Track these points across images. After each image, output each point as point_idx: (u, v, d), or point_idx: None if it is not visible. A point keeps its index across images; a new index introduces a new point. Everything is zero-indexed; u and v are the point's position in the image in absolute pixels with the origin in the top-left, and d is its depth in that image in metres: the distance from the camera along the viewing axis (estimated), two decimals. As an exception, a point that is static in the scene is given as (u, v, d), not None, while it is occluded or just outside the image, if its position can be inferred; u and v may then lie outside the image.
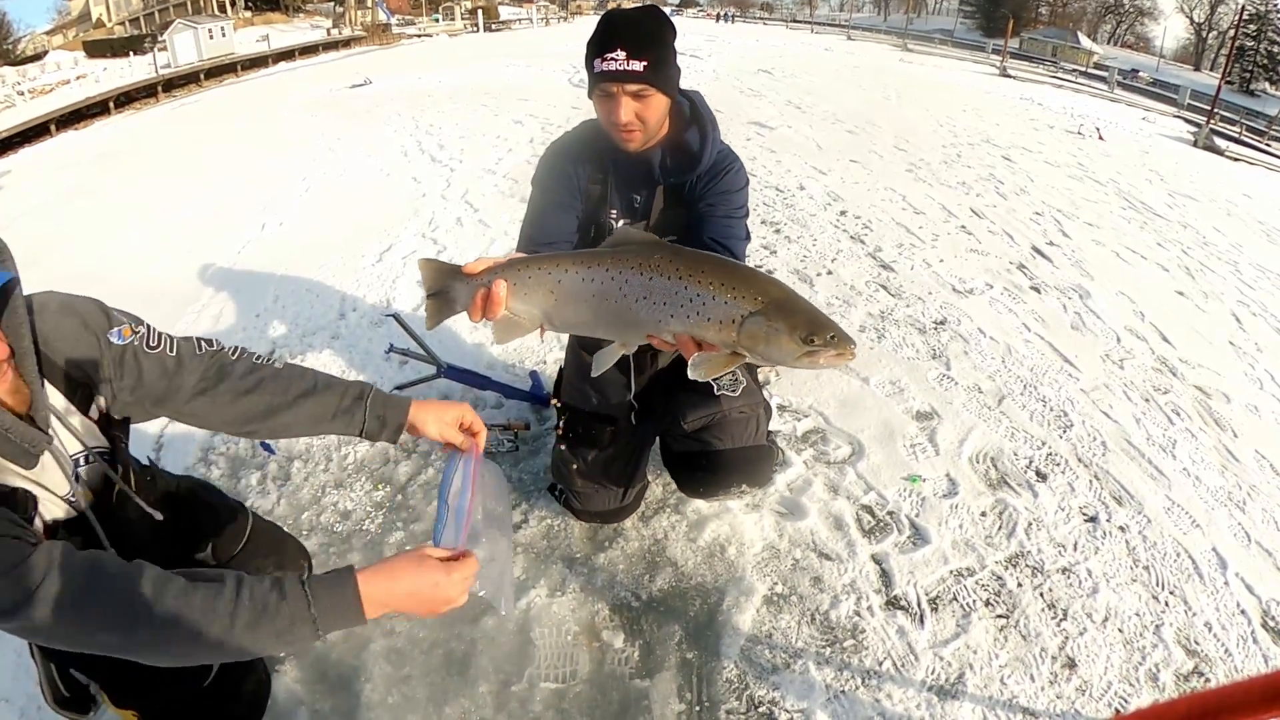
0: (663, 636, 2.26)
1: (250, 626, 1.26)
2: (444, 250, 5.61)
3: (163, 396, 1.66)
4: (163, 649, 1.26)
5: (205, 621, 1.25)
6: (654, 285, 1.47)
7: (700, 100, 2.29)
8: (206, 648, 1.26)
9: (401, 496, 2.85)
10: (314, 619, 1.27)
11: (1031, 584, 2.45)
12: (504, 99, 13.14)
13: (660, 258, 1.50)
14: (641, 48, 1.98)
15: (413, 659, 2.23)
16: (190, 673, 1.78)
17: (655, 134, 2.18)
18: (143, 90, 30.29)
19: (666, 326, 1.48)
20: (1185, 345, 4.23)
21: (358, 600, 1.31)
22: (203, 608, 1.24)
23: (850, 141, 9.39)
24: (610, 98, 2.06)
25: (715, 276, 1.45)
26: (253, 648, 1.28)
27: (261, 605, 1.26)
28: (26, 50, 56.10)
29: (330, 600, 1.29)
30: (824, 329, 1.41)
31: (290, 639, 1.28)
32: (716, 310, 1.43)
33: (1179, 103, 28.52)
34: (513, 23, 53.53)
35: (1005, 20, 46.99)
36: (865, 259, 5.25)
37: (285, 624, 1.27)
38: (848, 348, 1.43)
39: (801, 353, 1.41)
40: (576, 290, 1.53)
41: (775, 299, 1.44)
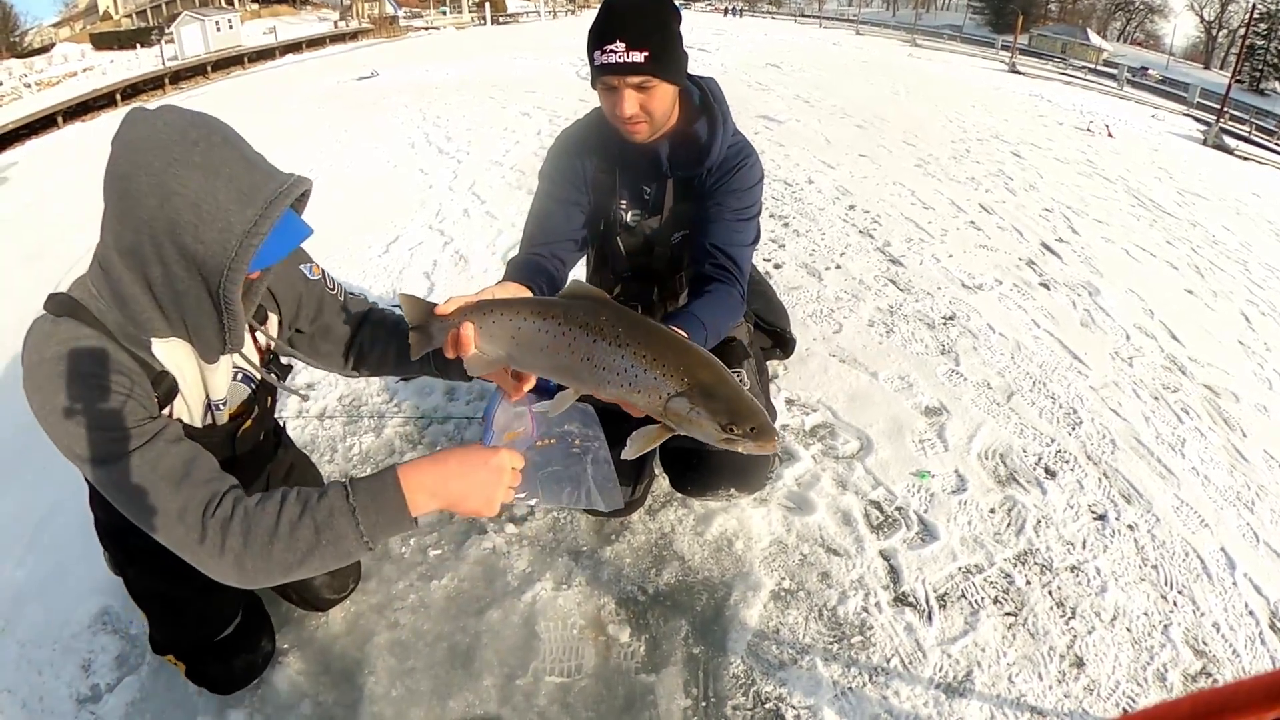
0: (669, 631, 2.25)
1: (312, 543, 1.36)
2: (451, 242, 5.61)
3: (325, 334, 1.96)
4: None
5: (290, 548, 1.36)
6: (595, 348, 1.45)
7: (713, 88, 2.24)
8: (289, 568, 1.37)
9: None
10: (353, 510, 1.36)
11: (1040, 582, 2.44)
12: (511, 91, 13.13)
13: (605, 319, 1.47)
14: (642, 37, 1.93)
15: (417, 651, 2.22)
16: (217, 621, 2.03)
17: (663, 124, 2.14)
18: (150, 82, 30.45)
19: (603, 389, 1.46)
20: (1194, 344, 4.21)
21: (400, 493, 1.38)
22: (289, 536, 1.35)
23: (859, 136, 9.37)
24: (613, 91, 2.03)
25: (649, 350, 1.42)
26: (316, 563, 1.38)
27: (319, 516, 1.37)
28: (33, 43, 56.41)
29: (370, 496, 1.38)
30: (744, 421, 1.37)
31: (342, 548, 1.38)
32: (645, 384, 1.41)
33: (1189, 101, 28.40)
34: (520, 16, 53.61)
35: (1014, 16, 46.94)
36: (874, 253, 5.23)
37: (333, 530, 1.36)
38: (769, 441, 1.39)
39: (721, 439, 1.38)
40: (533, 339, 1.53)
41: (701, 382, 1.39)
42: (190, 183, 1.32)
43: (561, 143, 2.40)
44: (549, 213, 2.36)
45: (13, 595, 2.55)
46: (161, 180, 1.31)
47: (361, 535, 1.36)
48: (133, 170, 1.32)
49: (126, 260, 1.39)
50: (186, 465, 1.39)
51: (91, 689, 2.20)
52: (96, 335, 1.42)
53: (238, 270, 1.38)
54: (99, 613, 2.42)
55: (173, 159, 1.31)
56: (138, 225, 1.34)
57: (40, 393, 1.38)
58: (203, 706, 2.09)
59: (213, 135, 1.37)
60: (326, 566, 1.38)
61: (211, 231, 1.34)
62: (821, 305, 4.30)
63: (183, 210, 1.32)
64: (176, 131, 1.33)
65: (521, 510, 2.69)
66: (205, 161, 1.33)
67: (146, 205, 1.32)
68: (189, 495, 1.36)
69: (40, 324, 1.44)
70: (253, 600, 2.16)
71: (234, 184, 1.35)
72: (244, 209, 1.35)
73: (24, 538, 2.78)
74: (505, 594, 2.37)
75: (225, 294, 1.40)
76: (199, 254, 1.35)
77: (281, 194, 1.40)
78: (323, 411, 3.36)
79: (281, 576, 1.37)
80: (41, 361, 1.38)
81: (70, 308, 1.43)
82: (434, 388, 3.46)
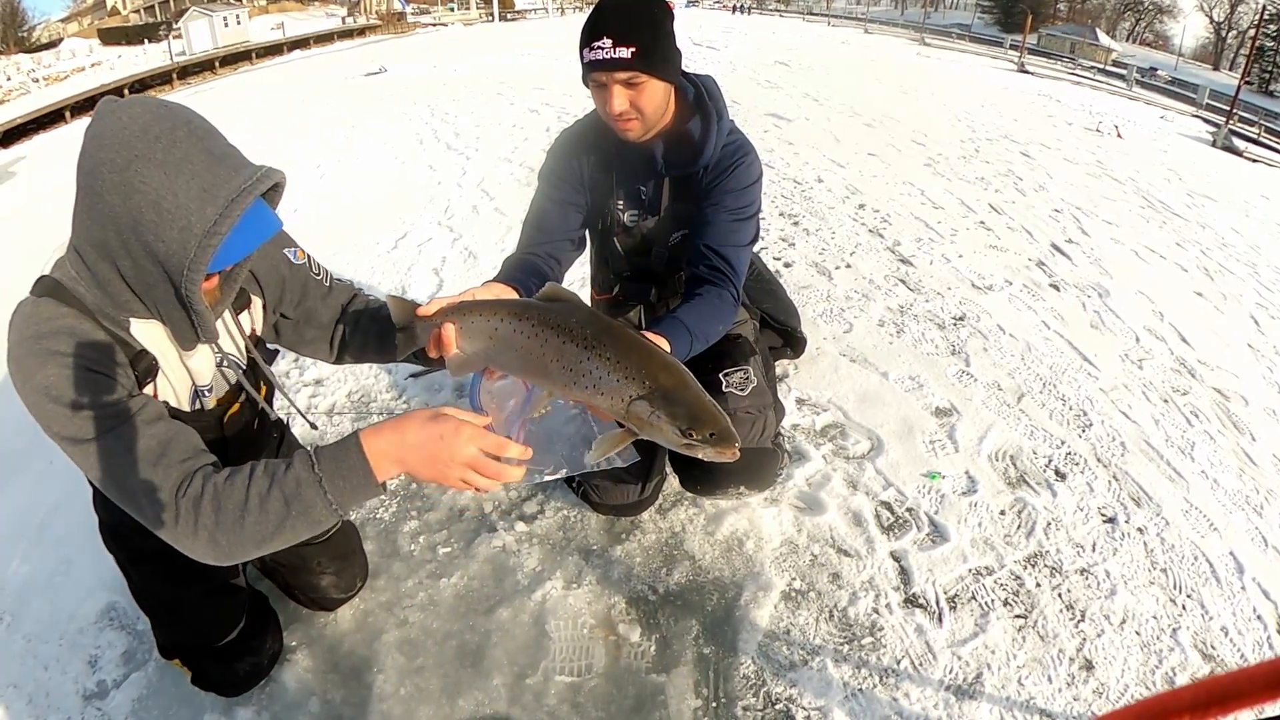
0: (679, 631, 2.25)
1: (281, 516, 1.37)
2: (460, 238, 5.61)
3: (309, 319, 1.96)
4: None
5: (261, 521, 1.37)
6: (565, 350, 1.48)
7: (709, 86, 2.24)
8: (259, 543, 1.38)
9: (415, 485, 2.84)
10: (319, 479, 1.36)
11: (1050, 584, 2.44)
12: (520, 88, 13.15)
13: (576, 322, 1.50)
14: (629, 33, 1.94)
15: (426, 650, 2.22)
16: (220, 626, 2.02)
17: (656, 122, 2.14)
18: (158, 77, 30.51)
19: (571, 390, 1.49)
20: (1204, 347, 4.20)
21: (364, 460, 1.38)
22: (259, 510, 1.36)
23: (868, 135, 9.36)
24: (602, 88, 2.04)
25: (614, 353, 1.45)
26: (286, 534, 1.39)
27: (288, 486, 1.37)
28: (41, 38, 56.56)
29: (335, 464, 1.38)
30: (702, 426, 1.39)
31: (311, 518, 1.38)
32: (609, 387, 1.43)
33: (1198, 102, 28.39)
34: (527, 13, 53.60)
35: (1023, 15, 46.91)
36: (884, 253, 5.23)
37: (302, 501, 1.37)
38: (728, 447, 1.41)
39: (680, 444, 1.40)
40: (509, 339, 1.57)
41: (662, 386, 1.41)
42: (151, 180, 1.31)
43: (560, 142, 2.41)
44: (545, 213, 2.38)
45: (18, 590, 2.55)
46: (124, 177, 1.31)
47: (330, 504, 1.37)
48: (96, 166, 1.33)
49: (99, 251, 1.40)
50: (163, 445, 1.40)
51: (98, 685, 2.20)
52: (75, 314, 1.42)
53: (196, 270, 1.38)
54: (105, 608, 2.42)
55: (135, 155, 1.31)
56: (104, 220, 1.35)
57: (21, 373, 1.38)
58: (210, 703, 2.09)
59: (176, 130, 1.36)
60: (300, 536, 1.39)
61: (172, 230, 1.34)
62: (832, 304, 4.30)
63: (144, 209, 1.32)
64: (140, 126, 1.33)
65: (532, 508, 2.69)
66: (167, 158, 1.33)
67: (110, 202, 1.33)
68: (164, 475, 1.37)
69: (23, 305, 1.44)
70: (258, 601, 2.16)
71: (195, 181, 1.34)
72: (204, 207, 1.35)
73: (30, 533, 2.79)
74: (515, 593, 2.37)
75: (187, 293, 1.41)
76: (160, 252, 1.35)
77: (244, 191, 1.38)
78: (331, 408, 3.38)
79: (256, 550, 1.38)
80: (22, 340, 1.39)
81: (51, 288, 1.44)
82: (444, 385, 3.46)
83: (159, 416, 1.45)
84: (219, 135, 1.43)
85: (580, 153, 2.35)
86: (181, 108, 1.42)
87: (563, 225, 2.36)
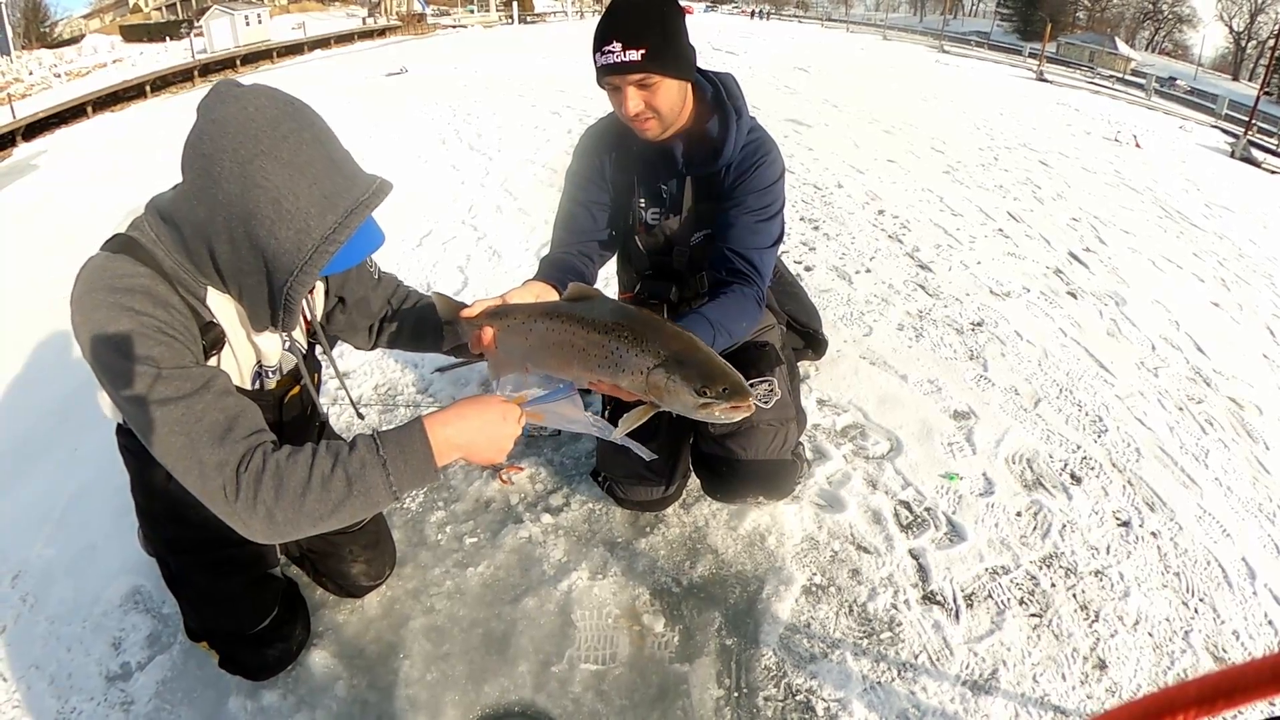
0: (702, 623, 2.28)
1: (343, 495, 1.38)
2: (484, 237, 5.67)
3: (361, 308, 2.02)
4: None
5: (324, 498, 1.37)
6: (590, 337, 1.58)
7: (728, 84, 2.25)
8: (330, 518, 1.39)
9: (442, 475, 2.87)
10: (383, 462, 1.39)
11: (1065, 585, 2.47)
12: (541, 90, 13.20)
13: (599, 312, 1.61)
14: (638, 35, 1.96)
15: (452, 637, 2.25)
16: (255, 614, 2.04)
17: (674, 120, 2.15)
18: (179, 75, 30.57)
19: (596, 373, 1.58)
20: (1219, 356, 4.21)
21: (427, 444, 1.42)
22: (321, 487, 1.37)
23: (887, 141, 9.37)
24: (616, 90, 2.06)
25: (631, 331, 1.54)
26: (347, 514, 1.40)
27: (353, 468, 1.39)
28: (63, 33, 56.73)
29: (399, 448, 1.41)
30: (715, 382, 1.45)
31: (371, 499, 1.40)
32: (629, 364, 1.52)
33: (1217, 112, 28.15)
34: (547, 15, 53.58)
35: (1042, 23, 46.60)
36: (903, 258, 5.26)
37: (364, 482, 1.39)
38: (741, 400, 1.46)
39: (698, 404, 1.46)
40: (543, 338, 1.67)
41: (674, 352, 1.49)
42: (274, 177, 1.33)
43: (583, 142, 2.44)
44: (573, 214, 2.41)
45: (42, 572, 2.58)
46: (246, 170, 1.32)
47: (390, 485, 1.39)
48: (217, 151, 1.32)
49: (196, 229, 1.40)
50: (230, 419, 1.39)
51: (121, 666, 2.22)
52: (151, 275, 1.42)
53: (309, 274, 1.40)
54: (130, 592, 2.45)
55: (260, 150, 1.32)
56: (214, 204, 1.35)
57: (90, 324, 1.37)
58: (235, 686, 2.12)
59: (303, 131, 1.38)
60: (354, 518, 1.41)
61: (288, 231, 1.35)
62: (852, 308, 4.34)
63: (263, 204, 1.33)
64: (268, 121, 1.34)
65: (558, 501, 2.74)
66: (293, 159, 1.34)
67: (226, 189, 1.33)
68: (229, 449, 1.35)
69: (95, 259, 1.44)
70: (289, 588, 2.19)
71: (317, 186, 1.37)
72: (324, 214, 1.37)
73: (54, 517, 2.83)
74: (541, 582, 2.41)
75: (292, 292, 1.43)
76: (271, 249, 1.37)
77: (363, 203, 1.42)
78: (359, 399, 3.43)
79: (310, 529, 1.38)
80: (93, 292, 1.38)
81: (127, 245, 1.44)
82: (470, 379, 3.51)
83: (228, 390, 1.44)
84: (337, 139, 1.46)
85: (602, 152, 2.38)
86: (304, 105, 1.44)
87: (591, 225, 2.40)
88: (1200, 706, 0.51)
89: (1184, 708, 0.51)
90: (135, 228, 1.48)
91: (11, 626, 2.42)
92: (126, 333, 1.35)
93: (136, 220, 1.49)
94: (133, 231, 1.47)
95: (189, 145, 1.37)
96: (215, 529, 1.83)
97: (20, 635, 2.38)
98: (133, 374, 1.34)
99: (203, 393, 1.38)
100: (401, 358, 3.70)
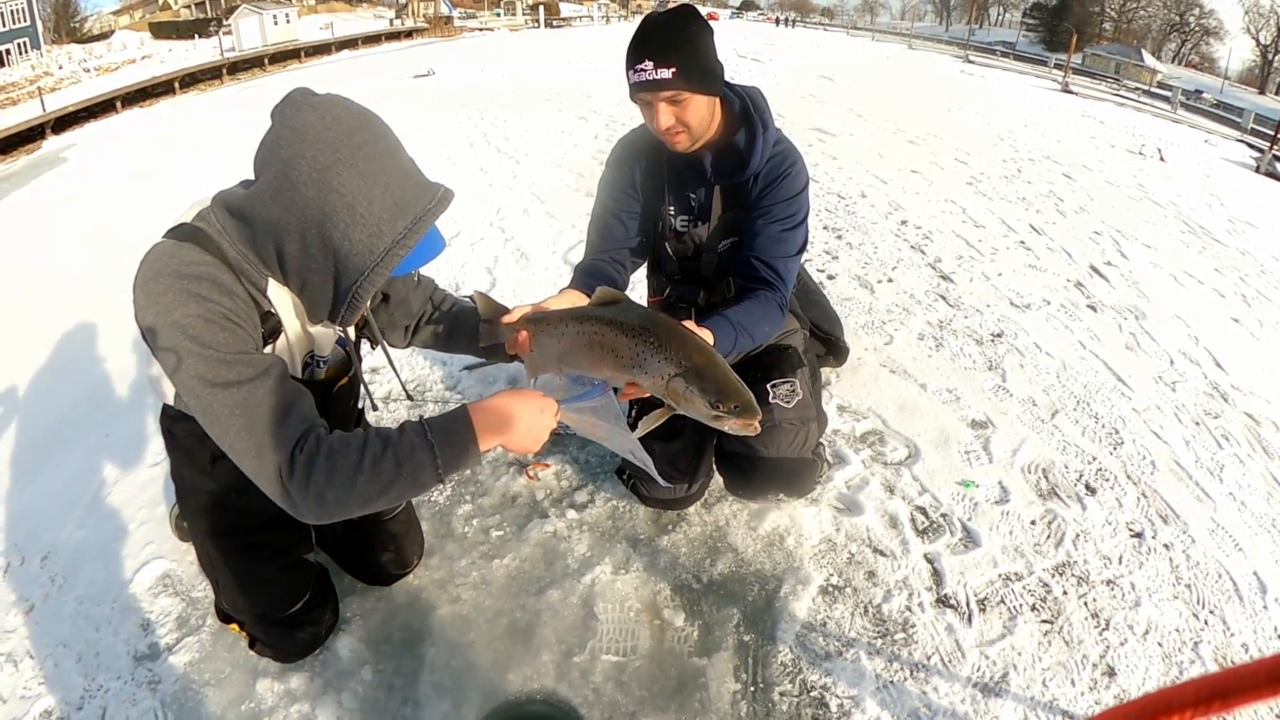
0: (721, 619, 2.33)
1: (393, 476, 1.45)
2: (511, 239, 5.75)
3: (402, 307, 2.10)
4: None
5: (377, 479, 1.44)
6: (619, 341, 1.68)
7: (755, 98, 2.32)
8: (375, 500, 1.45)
9: (469, 470, 2.95)
10: (431, 445, 1.46)
11: (1077, 593, 2.50)
12: (567, 95, 13.27)
13: (627, 318, 1.71)
14: (667, 53, 2.04)
15: (477, 626, 2.31)
16: (289, 598, 2.09)
17: (703, 133, 2.23)
18: (207, 72, 30.80)
19: (621, 373, 1.69)
20: (1238, 372, 4.20)
21: (471, 429, 1.49)
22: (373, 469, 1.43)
23: (911, 151, 9.37)
24: (648, 106, 2.15)
25: (656, 338, 1.64)
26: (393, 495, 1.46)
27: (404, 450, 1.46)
28: (93, 29, 57.12)
29: (445, 433, 1.48)
30: (728, 400, 1.56)
31: (418, 480, 1.47)
32: (652, 368, 1.63)
33: (1242, 126, 27.85)
34: (573, 20, 53.63)
35: (1068, 34, 46.25)
36: (925, 269, 5.29)
37: (414, 463, 1.46)
38: (750, 419, 1.58)
39: (710, 415, 1.58)
40: (575, 341, 1.77)
41: (695, 365, 1.60)
42: (350, 184, 1.40)
43: (616, 151, 2.52)
44: (605, 223, 2.50)
45: (71, 554, 2.65)
46: (324, 176, 1.39)
47: (437, 467, 1.45)
48: (295, 157, 1.40)
49: (268, 227, 1.47)
50: (287, 405, 1.44)
51: (150, 647, 2.28)
52: (217, 264, 1.47)
53: (379, 275, 1.47)
54: (161, 575, 2.52)
55: (337, 158, 1.40)
56: (289, 206, 1.42)
57: (156, 306, 1.41)
58: (264, 668, 2.18)
59: (378, 141, 1.46)
60: (399, 499, 1.48)
61: (361, 235, 1.43)
62: (873, 317, 4.37)
63: (339, 208, 1.40)
64: (345, 130, 1.42)
65: (583, 498, 2.80)
66: (367, 167, 1.42)
67: (303, 193, 1.40)
68: (287, 434, 1.41)
69: (162, 245, 1.48)
70: (320, 573, 2.24)
71: (390, 193, 1.44)
72: (395, 220, 1.45)
73: (84, 501, 2.90)
74: (565, 575, 2.47)
75: (360, 292, 1.49)
76: (343, 250, 1.44)
77: (430, 210, 1.50)
78: (387, 395, 3.50)
79: (358, 510, 1.43)
80: (160, 276, 1.43)
81: (193, 234, 1.49)
82: (497, 377, 3.58)
83: (286, 377, 1.50)
84: (405, 149, 1.54)
85: (633, 161, 2.46)
86: (376, 116, 1.52)
87: (623, 233, 2.48)
88: (1198, 707, 0.52)
89: (1181, 708, 0.53)
90: (201, 218, 1.53)
91: (40, 605, 2.49)
92: (193, 317, 1.40)
93: (203, 212, 1.55)
94: (198, 222, 1.53)
95: (265, 148, 1.45)
96: (255, 513, 1.91)
97: (48, 614, 2.45)
98: (197, 356, 1.40)
99: (263, 379, 1.44)
100: (431, 356, 3.77)
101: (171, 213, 1.61)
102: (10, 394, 4.27)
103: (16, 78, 36.44)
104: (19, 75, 37.19)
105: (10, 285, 6.54)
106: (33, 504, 3.06)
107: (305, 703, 2.11)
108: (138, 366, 4.13)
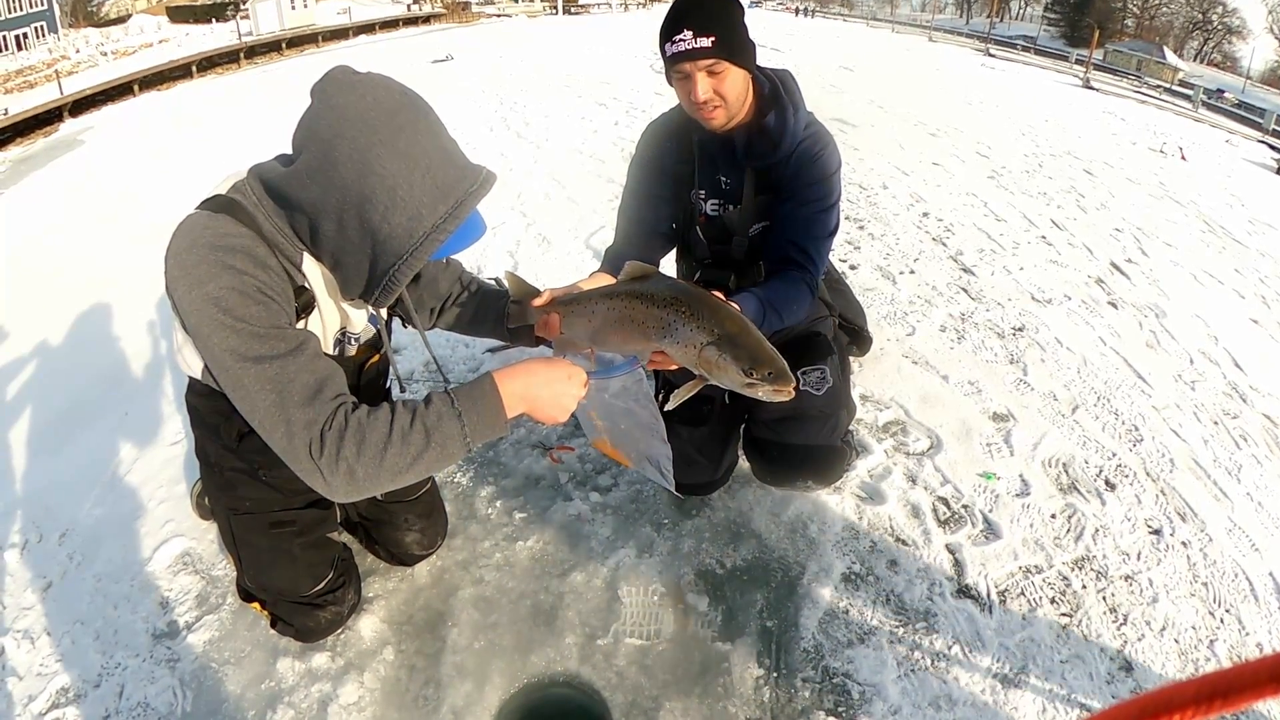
0: (744, 604, 2.35)
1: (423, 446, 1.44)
2: (533, 224, 5.77)
3: (430, 288, 2.09)
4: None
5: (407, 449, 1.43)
6: (650, 311, 1.70)
7: (785, 80, 2.33)
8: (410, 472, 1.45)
9: (492, 452, 2.98)
10: (459, 414, 1.45)
11: (1095, 587, 2.51)
12: (587, 82, 13.23)
13: (657, 288, 1.73)
14: (707, 24, 2.05)
15: (501, 607, 2.33)
16: (312, 577, 2.10)
17: (738, 111, 2.23)
18: (225, 56, 30.79)
19: (653, 343, 1.71)
20: (1257, 373, 4.19)
21: (498, 397, 1.49)
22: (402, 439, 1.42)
23: (932, 144, 9.33)
24: (686, 78, 2.14)
25: (688, 307, 1.66)
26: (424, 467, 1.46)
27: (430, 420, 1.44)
28: (111, 13, 57.10)
29: (471, 401, 1.47)
30: (762, 365, 1.56)
31: (447, 450, 1.46)
32: (684, 337, 1.64)
33: (1264, 126, 27.59)
34: (591, 7, 53.45)
35: (1090, 30, 45.95)
36: (947, 261, 5.28)
37: (441, 433, 1.45)
38: (784, 385, 1.58)
39: (744, 383, 1.58)
40: (606, 318, 1.80)
41: (728, 332, 1.60)
42: (390, 166, 1.38)
43: (645, 136, 2.53)
44: (635, 207, 2.51)
45: (89, 532, 2.68)
46: (364, 157, 1.37)
47: (465, 437, 1.45)
48: (335, 137, 1.38)
49: (307, 205, 1.45)
50: (320, 381, 1.43)
51: (169, 625, 2.30)
52: (252, 236, 1.46)
53: (418, 259, 1.45)
54: (181, 554, 2.54)
55: (378, 140, 1.38)
56: (328, 186, 1.41)
57: (189, 278, 1.40)
58: (284, 647, 2.21)
59: (419, 122, 1.44)
60: (429, 471, 1.46)
61: (401, 217, 1.41)
62: (895, 308, 4.38)
63: (378, 190, 1.39)
64: (385, 111, 1.40)
65: (606, 481, 2.83)
66: (408, 149, 1.40)
67: (343, 174, 1.39)
68: (318, 410, 1.40)
69: (196, 217, 1.47)
70: (344, 554, 2.26)
71: (430, 176, 1.42)
72: (436, 204, 1.43)
73: (104, 480, 2.93)
74: (589, 558, 2.50)
75: (396, 274, 1.47)
76: (382, 232, 1.43)
77: (471, 194, 1.47)
78: (410, 374, 3.54)
79: (388, 484, 1.42)
80: (193, 247, 1.41)
81: (228, 206, 1.48)
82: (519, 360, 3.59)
83: (319, 354, 1.49)
84: (447, 130, 1.52)
85: (663, 144, 2.47)
86: (418, 96, 1.50)
87: (653, 217, 2.49)
88: (1198, 706, 0.52)
89: (1181, 707, 0.52)
90: (237, 190, 1.52)
91: (58, 583, 2.52)
92: (226, 289, 1.39)
93: (238, 184, 1.54)
94: (234, 194, 1.52)
95: (304, 126, 1.44)
96: (281, 490, 1.92)
97: (66, 591, 2.48)
98: (230, 330, 1.39)
99: (296, 354, 1.43)
100: (453, 337, 3.78)
101: (188, 195, 1.60)
102: (29, 373, 4.30)
103: (34, 61, 36.57)
104: (37, 59, 37.31)
105: (29, 266, 6.56)
106: (51, 482, 3.09)
107: (326, 682, 2.13)
108: (156, 346, 4.18)
